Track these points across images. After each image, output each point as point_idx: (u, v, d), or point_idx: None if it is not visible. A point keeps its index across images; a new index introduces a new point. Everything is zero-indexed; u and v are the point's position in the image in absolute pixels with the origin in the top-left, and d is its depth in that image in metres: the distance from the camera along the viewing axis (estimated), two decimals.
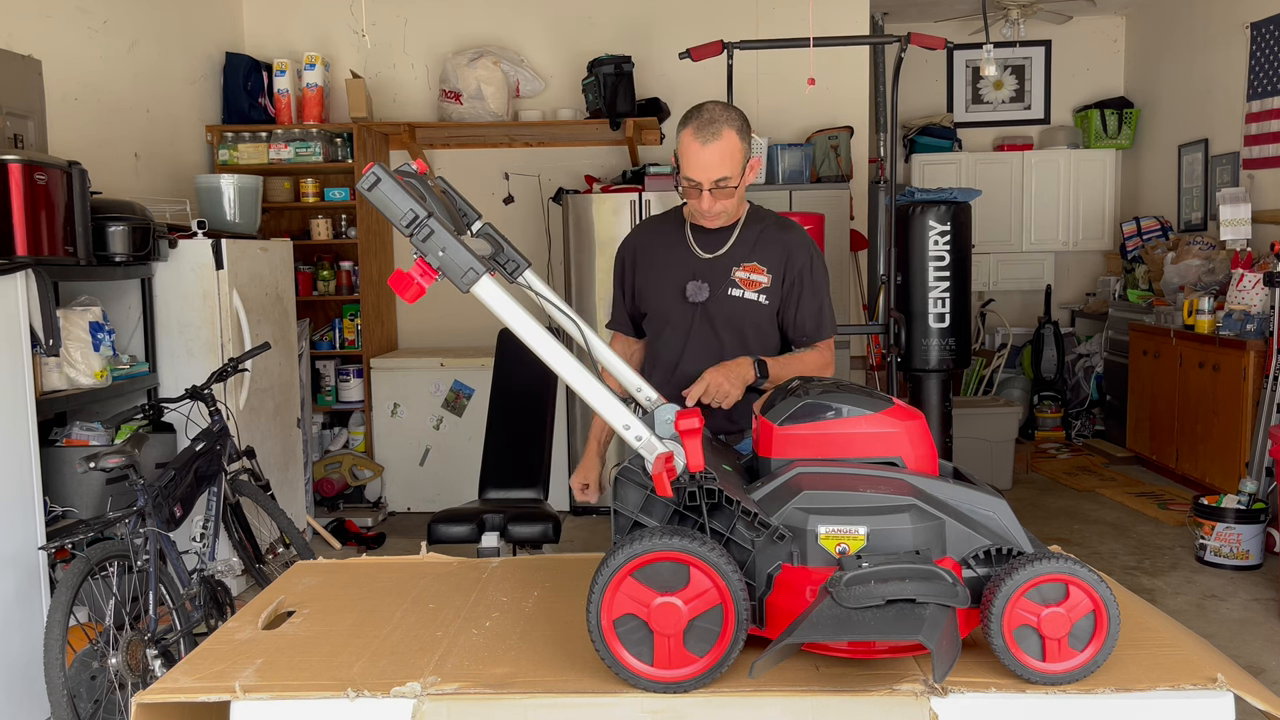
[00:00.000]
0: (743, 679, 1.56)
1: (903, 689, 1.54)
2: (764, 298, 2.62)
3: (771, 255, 2.63)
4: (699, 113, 2.47)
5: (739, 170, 2.49)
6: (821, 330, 2.67)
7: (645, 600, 1.56)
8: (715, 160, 2.44)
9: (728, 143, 2.44)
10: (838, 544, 1.59)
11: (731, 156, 2.45)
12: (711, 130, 2.43)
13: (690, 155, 2.46)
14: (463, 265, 1.65)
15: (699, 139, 2.44)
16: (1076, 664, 1.57)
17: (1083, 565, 1.59)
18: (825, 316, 2.68)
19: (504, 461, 4.05)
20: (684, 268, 2.67)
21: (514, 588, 2.06)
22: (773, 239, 2.65)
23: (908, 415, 1.77)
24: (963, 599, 1.54)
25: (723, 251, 2.65)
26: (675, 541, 1.55)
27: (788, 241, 2.65)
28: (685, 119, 2.48)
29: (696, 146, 2.44)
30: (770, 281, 2.62)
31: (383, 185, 1.64)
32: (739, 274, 2.63)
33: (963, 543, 1.63)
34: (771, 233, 2.66)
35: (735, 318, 2.63)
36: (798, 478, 1.68)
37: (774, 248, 2.64)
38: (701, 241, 2.67)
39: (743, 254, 2.64)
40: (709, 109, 2.46)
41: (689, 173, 2.48)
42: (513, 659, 1.69)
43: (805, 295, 2.64)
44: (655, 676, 1.56)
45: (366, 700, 1.57)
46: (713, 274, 2.64)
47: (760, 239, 2.65)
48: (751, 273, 2.63)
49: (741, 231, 2.66)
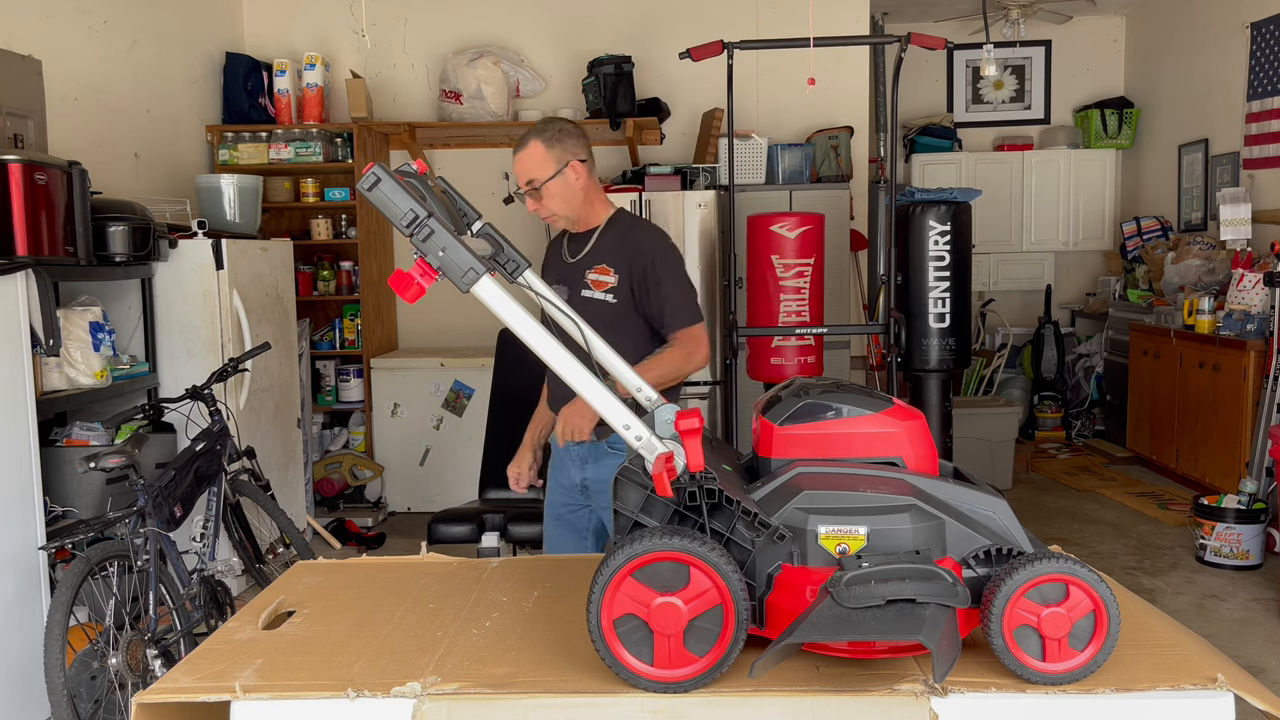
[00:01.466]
0: (743, 679, 1.56)
1: (903, 689, 1.54)
2: (612, 296, 2.79)
3: (619, 255, 2.80)
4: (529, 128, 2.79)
5: (544, 175, 2.73)
6: (675, 320, 2.79)
7: (645, 600, 1.56)
8: (520, 166, 2.76)
9: (532, 150, 2.74)
10: (838, 544, 1.59)
11: (535, 162, 2.73)
12: (523, 140, 2.75)
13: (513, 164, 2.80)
14: (463, 265, 1.65)
15: (516, 148, 2.78)
16: (1076, 664, 1.57)
17: (1083, 565, 1.58)
18: (677, 307, 2.79)
19: (504, 461, 4.02)
20: (554, 272, 2.92)
21: (514, 588, 2.06)
22: (622, 240, 2.82)
23: (908, 415, 1.77)
24: (963, 599, 1.54)
25: (582, 255, 2.86)
26: (675, 541, 1.55)
27: (632, 240, 2.81)
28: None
29: (514, 155, 2.79)
30: (617, 281, 2.78)
31: (383, 185, 1.64)
32: (591, 275, 2.81)
33: (963, 543, 1.63)
34: (622, 235, 2.83)
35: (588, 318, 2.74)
36: (798, 478, 1.68)
37: (621, 248, 2.81)
38: (571, 247, 2.91)
39: (597, 257, 2.83)
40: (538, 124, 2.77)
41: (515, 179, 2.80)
42: (513, 659, 1.69)
43: (652, 289, 2.77)
44: (655, 676, 1.56)
45: (366, 700, 1.57)
46: (572, 277, 2.85)
47: (613, 241, 2.83)
48: (600, 274, 2.81)
49: (600, 236, 2.86)
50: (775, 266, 4.86)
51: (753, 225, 4.96)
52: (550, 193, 2.76)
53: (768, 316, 4.92)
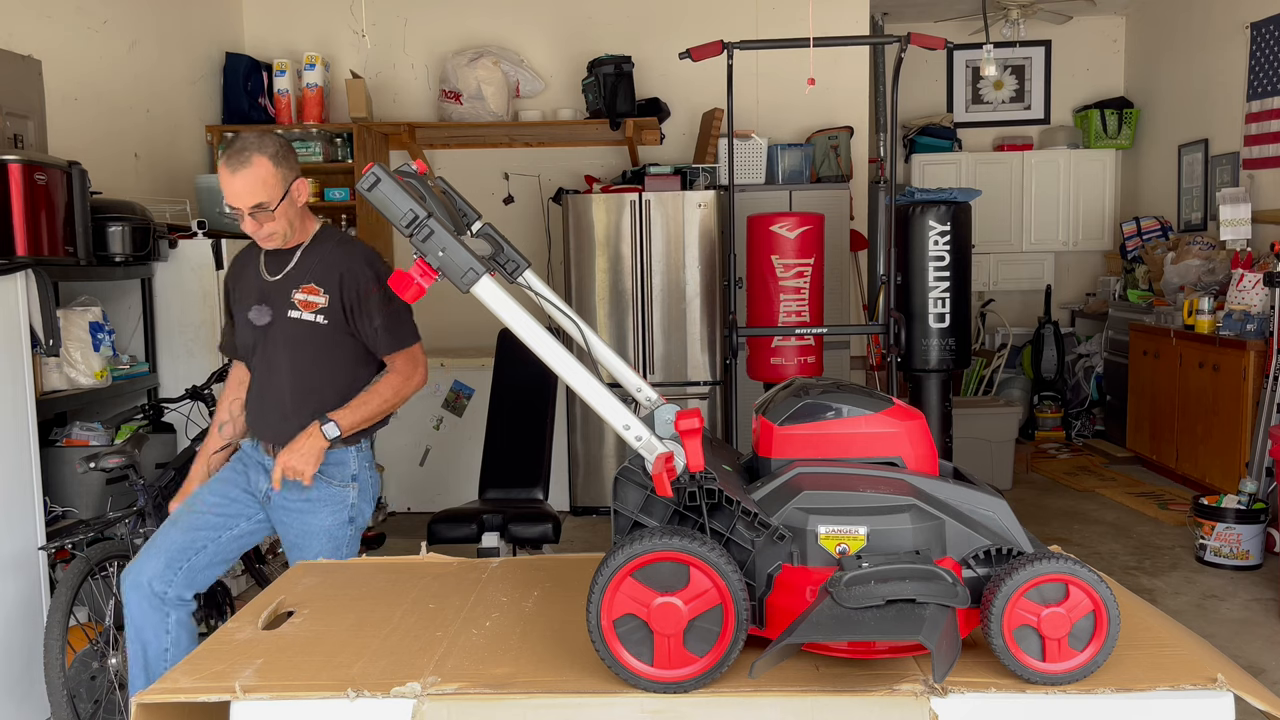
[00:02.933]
0: (742, 679, 1.56)
1: (903, 689, 1.54)
2: (322, 318, 2.69)
3: (329, 274, 2.69)
4: (231, 143, 2.59)
5: (276, 195, 2.59)
6: (393, 343, 2.73)
7: (645, 600, 1.56)
8: (247, 188, 2.56)
9: (258, 169, 2.56)
10: (838, 544, 1.59)
11: (264, 182, 2.57)
12: (241, 159, 2.55)
13: (224, 184, 2.58)
14: (463, 265, 1.65)
15: (229, 168, 2.57)
16: (1076, 664, 1.57)
17: (1083, 565, 1.59)
18: (394, 329, 2.72)
19: (504, 461, 4.05)
20: (253, 292, 2.77)
21: (514, 588, 2.06)
22: (332, 259, 2.71)
23: (908, 415, 1.77)
24: (963, 599, 1.54)
25: (285, 273, 2.73)
26: (675, 541, 1.55)
27: (344, 259, 2.71)
28: (222, 149, 2.62)
29: (228, 175, 2.57)
30: (328, 301, 2.68)
31: (383, 185, 1.64)
32: (298, 296, 2.70)
33: (963, 543, 1.63)
34: (331, 253, 2.72)
35: (297, 340, 2.71)
36: (798, 478, 1.68)
37: (331, 266, 2.70)
38: (270, 265, 2.77)
39: (303, 275, 2.71)
40: (241, 139, 2.59)
41: (226, 200, 2.61)
42: (513, 659, 1.69)
43: (367, 312, 2.69)
44: (655, 676, 1.56)
45: (366, 700, 1.57)
46: (276, 297, 2.72)
47: (321, 260, 2.71)
48: (309, 294, 2.69)
49: (305, 253, 2.74)
50: (775, 266, 4.86)
51: (752, 225, 4.96)
52: (280, 213, 2.63)
53: (768, 316, 4.92)
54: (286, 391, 2.73)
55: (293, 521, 2.77)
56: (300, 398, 2.72)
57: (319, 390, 2.73)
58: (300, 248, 2.74)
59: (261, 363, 2.77)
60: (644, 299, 5.84)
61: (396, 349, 2.75)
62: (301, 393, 2.73)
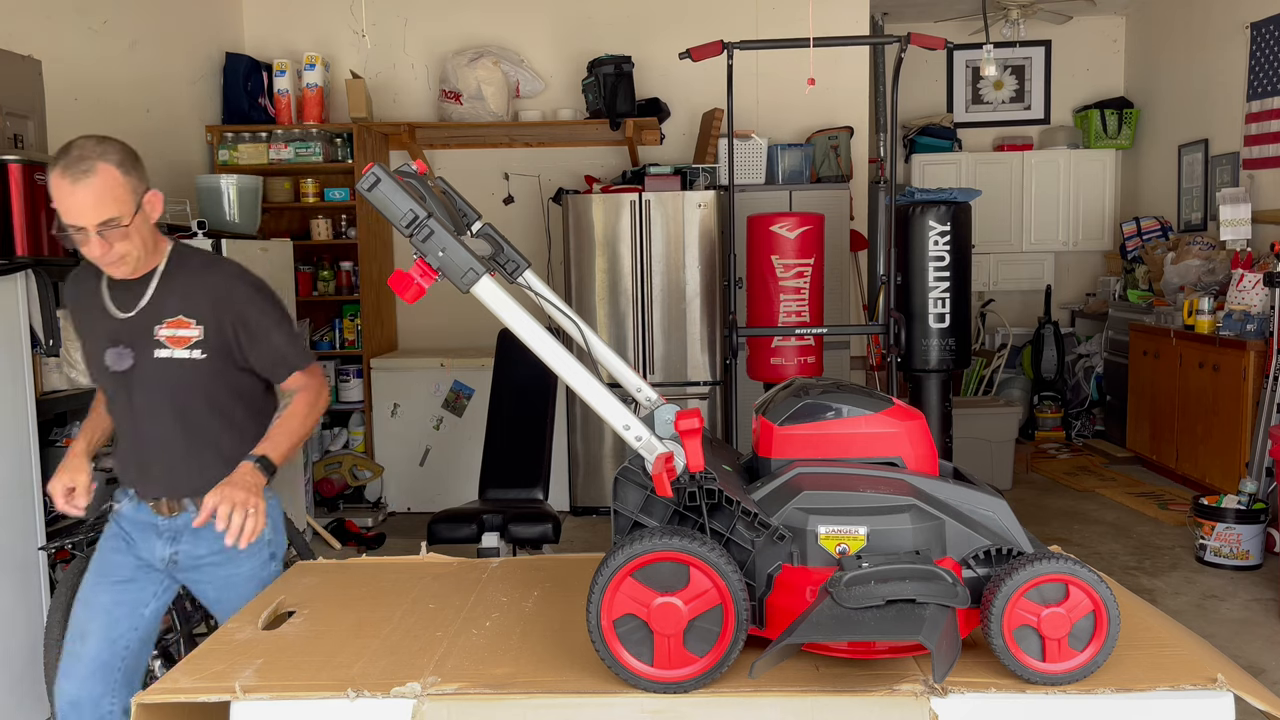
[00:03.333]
0: (742, 679, 1.56)
1: (903, 689, 1.54)
2: (199, 352, 2.31)
3: (199, 303, 2.32)
4: (68, 150, 2.17)
5: (129, 208, 2.19)
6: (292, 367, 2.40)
7: (645, 600, 1.56)
8: (92, 200, 2.15)
9: (105, 178, 2.15)
10: (838, 544, 1.59)
11: (113, 194, 2.16)
12: (82, 168, 2.14)
13: (62, 197, 2.15)
14: (463, 265, 1.65)
15: (68, 178, 2.14)
16: (1076, 664, 1.57)
17: (1083, 565, 1.59)
18: (291, 353, 2.40)
19: (504, 461, 4.05)
20: (102, 332, 2.35)
21: (514, 588, 2.06)
22: (198, 284, 2.34)
23: (908, 415, 1.77)
24: (963, 599, 1.54)
25: (142, 306, 2.32)
26: (675, 541, 1.55)
27: (214, 284, 2.34)
28: (54, 158, 2.17)
29: (67, 187, 2.14)
30: (203, 333, 2.31)
31: (382, 185, 1.64)
32: (163, 332, 2.31)
33: (963, 543, 1.63)
34: (197, 277, 2.35)
35: (172, 383, 2.33)
36: (798, 478, 1.68)
37: (200, 293, 2.33)
38: (118, 297, 2.34)
39: (165, 308, 2.32)
40: (79, 144, 2.18)
41: (65, 218, 2.17)
42: (513, 659, 1.69)
43: (256, 340, 2.35)
44: (655, 676, 1.56)
45: (366, 700, 1.57)
46: (135, 337, 2.32)
47: (186, 286, 2.33)
48: (178, 328, 2.31)
49: (162, 280, 2.34)
50: (775, 266, 4.86)
51: (752, 225, 4.96)
52: (134, 230, 2.23)
53: (768, 317, 4.92)
54: (175, 440, 2.36)
55: (211, 577, 2.43)
56: (193, 444, 2.37)
57: (214, 431, 2.38)
58: (155, 274, 2.34)
59: (130, 412, 2.37)
60: (644, 299, 5.84)
61: (296, 370, 2.41)
62: (193, 438, 2.36)
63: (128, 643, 2.43)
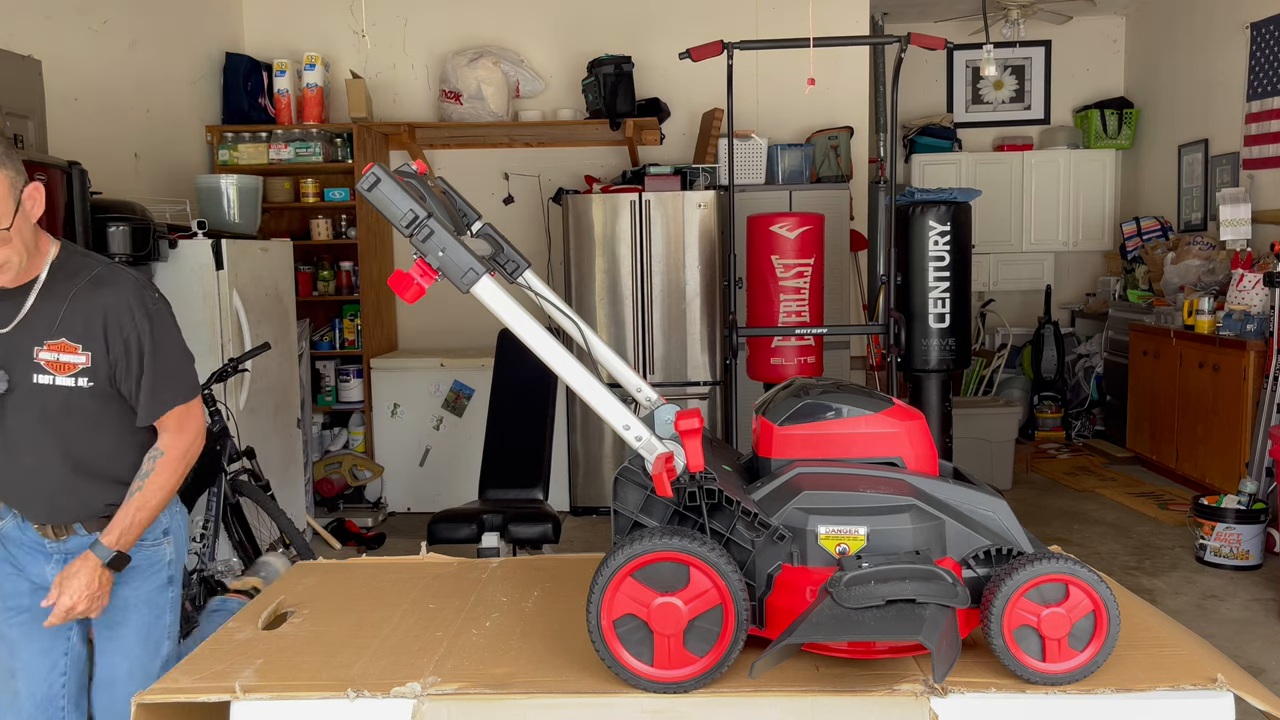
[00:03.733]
0: (742, 679, 1.56)
1: (903, 689, 1.54)
2: (86, 380, 2.06)
3: (88, 326, 2.06)
4: None
5: (8, 208, 1.93)
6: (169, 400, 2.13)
7: (645, 600, 1.56)
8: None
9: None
10: (838, 544, 1.59)
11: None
12: None
13: None
14: (463, 265, 1.65)
15: None
16: (1076, 664, 1.57)
17: (1083, 565, 1.59)
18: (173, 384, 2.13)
19: (504, 461, 4.05)
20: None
21: (514, 588, 2.06)
22: (88, 303, 2.06)
23: (908, 415, 1.77)
24: (963, 599, 1.54)
25: (19, 322, 2.05)
26: (675, 541, 1.55)
27: (105, 304, 2.06)
28: None
29: None
30: (91, 359, 2.06)
31: (382, 185, 1.64)
32: (44, 355, 2.05)
33: (963, 543, 1.63)
34: (87, 294, 2.06)
35: (54, 411, 2.08)
36: (798, 478, 1.68)
37: (87, 314, 2.05)
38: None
39: (47, 326, 2.05)
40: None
41: None
42: (513, 659, 1.69)
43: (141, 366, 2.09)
44: (655, 676, 1.56)
45: (366, 700, 1.57)
46: (10, 355, 2.06)
47: (70, 303, 2.05)
48: (61, 352, 2.05)
49: (44, 290, 2.06)
50: (775, 266, 4.86)
51: (753, 225, 4.96)
52: (15, 233, 1.96)
53: (768, 317, 4.92)
54: (56, 469, 2.12)
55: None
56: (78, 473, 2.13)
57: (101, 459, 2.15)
58: (35, 284, 2.05)
59: (3, 437, 2.12)
60: (644, 299, 5.84)
61: (169, 407, 2.13)
62: (78, 467, 2.13)
63: (62, 669, 2.25)
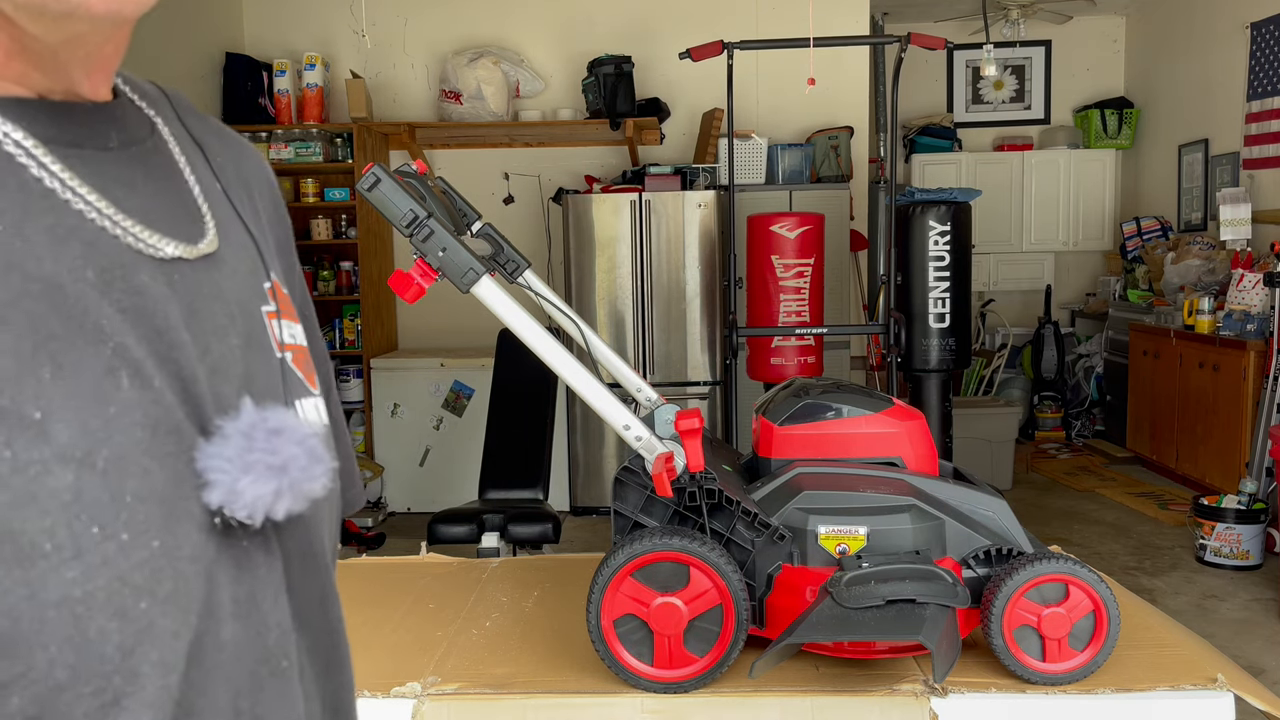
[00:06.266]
0: (742, 679, 1.56)
1: (903, 689, 1.54)
2: None
3: None
4: None
5: None
6: None
7: (645, 600, 1.56)
8: None
9: None
10: (838, 544, 1.59)
11: None
12: None
13: None
14: (463, 265, 1.65)
15: None
16: (1076, 664, 1.57)
17: (1083, 565, 1.59)
18: None
19: (504, 461, 4.05)
20: None
21: (514, 588, 2.06)
22: None
23: (908, 415, 1.77)
24: (963, 599, 1.54)
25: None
26: (675, 541, 1.55)
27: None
28: None
29: None
30: None
31: (382, 185, 1.64)
32: None
33: (963, 543, 1.63)
34: None
35: None
36: (798, 478, 1.68)
37: None
38: None
39: None
40: None
41: None
42: (513, 659, 1.69)
43: None
44: (655, 676, 1.56)
45: (366, 700, 1.57)
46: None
47: None
48: None
49: None
50: (775, 266, 4.86)
51: (752, 225, 4.96)
52: None
53: (767, 317, 4.92)
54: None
55: None
56: None
57: None
58: None
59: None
60: (644, 299, 5.84)
61: None
62: None
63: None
